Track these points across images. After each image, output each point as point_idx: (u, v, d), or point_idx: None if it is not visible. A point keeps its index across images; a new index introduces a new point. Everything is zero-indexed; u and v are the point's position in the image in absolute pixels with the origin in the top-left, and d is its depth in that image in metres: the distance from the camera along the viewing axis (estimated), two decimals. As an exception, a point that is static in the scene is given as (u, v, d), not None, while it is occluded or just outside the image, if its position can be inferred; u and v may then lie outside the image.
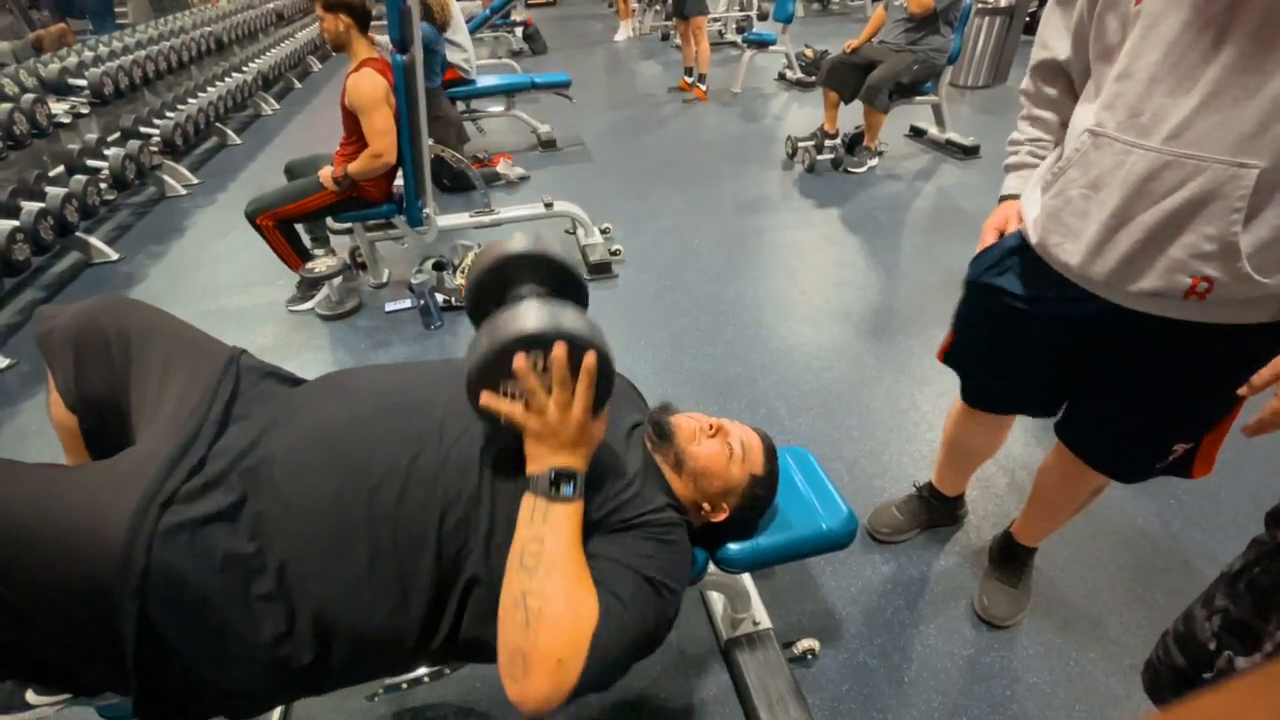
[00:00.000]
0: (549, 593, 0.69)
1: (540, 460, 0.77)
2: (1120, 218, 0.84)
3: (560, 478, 0.76)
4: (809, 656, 1.33)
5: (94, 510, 0.68)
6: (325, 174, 2.42)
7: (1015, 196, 1.14)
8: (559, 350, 0.74)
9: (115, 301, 0.93)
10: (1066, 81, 1.02)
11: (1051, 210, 0.94)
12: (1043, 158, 1.09)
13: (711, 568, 1.13)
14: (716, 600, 1.41)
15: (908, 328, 2.41)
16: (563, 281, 0.90)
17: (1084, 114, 0.91)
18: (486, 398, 0.76)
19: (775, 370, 2.20)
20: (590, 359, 0.76)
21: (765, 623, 1.35)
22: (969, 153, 3.93)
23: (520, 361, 0.73)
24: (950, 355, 1.33)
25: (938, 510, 1.61)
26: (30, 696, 0.90)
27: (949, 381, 2.11)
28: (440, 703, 1.29)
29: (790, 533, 1.13)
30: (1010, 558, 1.46)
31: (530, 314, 0.75)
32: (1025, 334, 1.10)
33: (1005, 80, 5.43)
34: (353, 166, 2.38)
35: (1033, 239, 1.00)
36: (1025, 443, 1.89)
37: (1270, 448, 1.83)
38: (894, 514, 1.61)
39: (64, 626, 0.66)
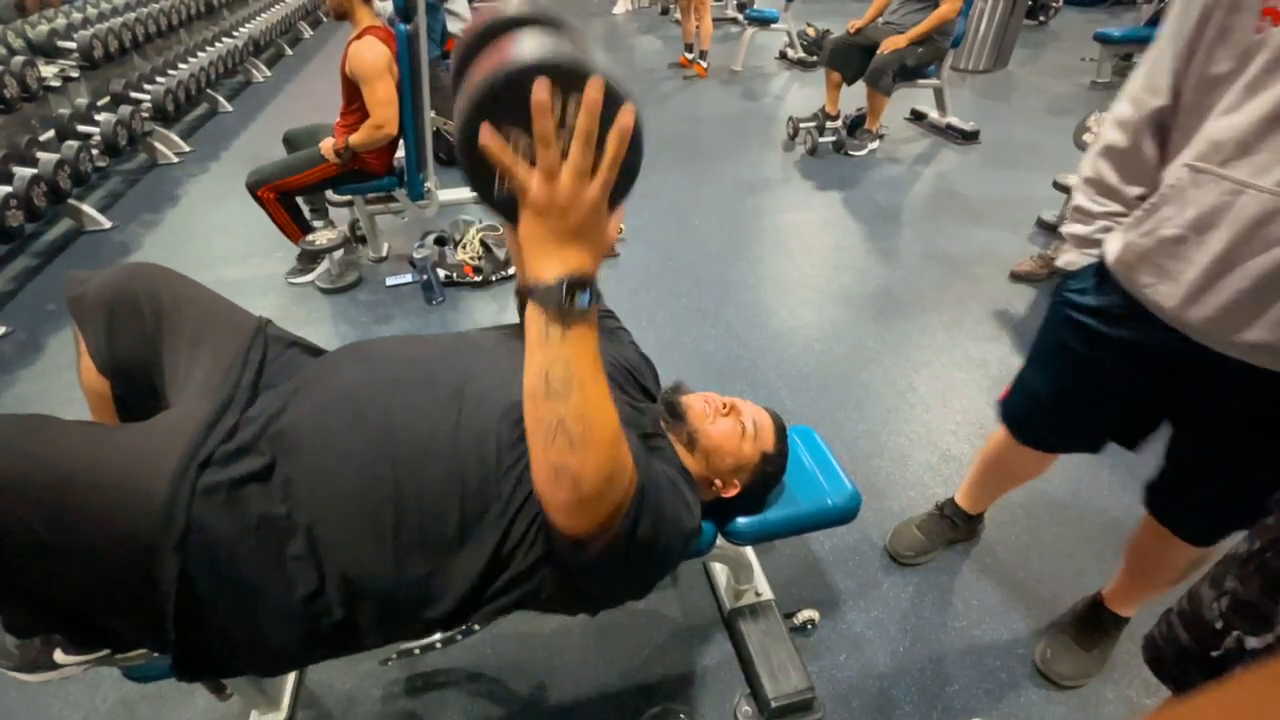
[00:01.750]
0: (590, 415, 0.64)
1: (545, 256, 0.61)
2: (1226, 263, 0.78)
3: (573, 287, 0.61)
4: (809, 626, 1.38)
5: (138, 466, 0.70)
6: (326, 146, 2.39)
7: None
8: (594, 91, 0.54)
9: (146, 268, 0.94)
10: (1163, 137, 0.90)
11: (1141, 250, 0.88)
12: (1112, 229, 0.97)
13: (718, 540, 1.16)
14: (720, 572, 1.46)
15: (906, 311, 2.45)
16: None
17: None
18: (489, 136, 0.56)
19: (776, 351, 2.23)
20: (628, 117, 0.57)
21: (767, 594, 1.40)
22: (969, 138, 3.94)
23: (542, 92, 0.54)
24: (1013, 399, 1.24)
25: (961, 528, 1.55)
26: (58, 656, 0.92)
27: (945, 365, 2.17)
28: (451, 668, 1.33)
29: (796, 507, 1.16)
30: (1093, 620, 1.35)
31: (562, 40, 0.57)
32: (1100, 368, 1.03)
33: (1006, 65, 5.42)
34: (354, 138, 2.35)
35: (1117, 274, 0.93)
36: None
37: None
38: (915, 534, 1.55)
39: (107, 577, 0.68)
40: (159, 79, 3.90)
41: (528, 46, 0.56)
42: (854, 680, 1.32)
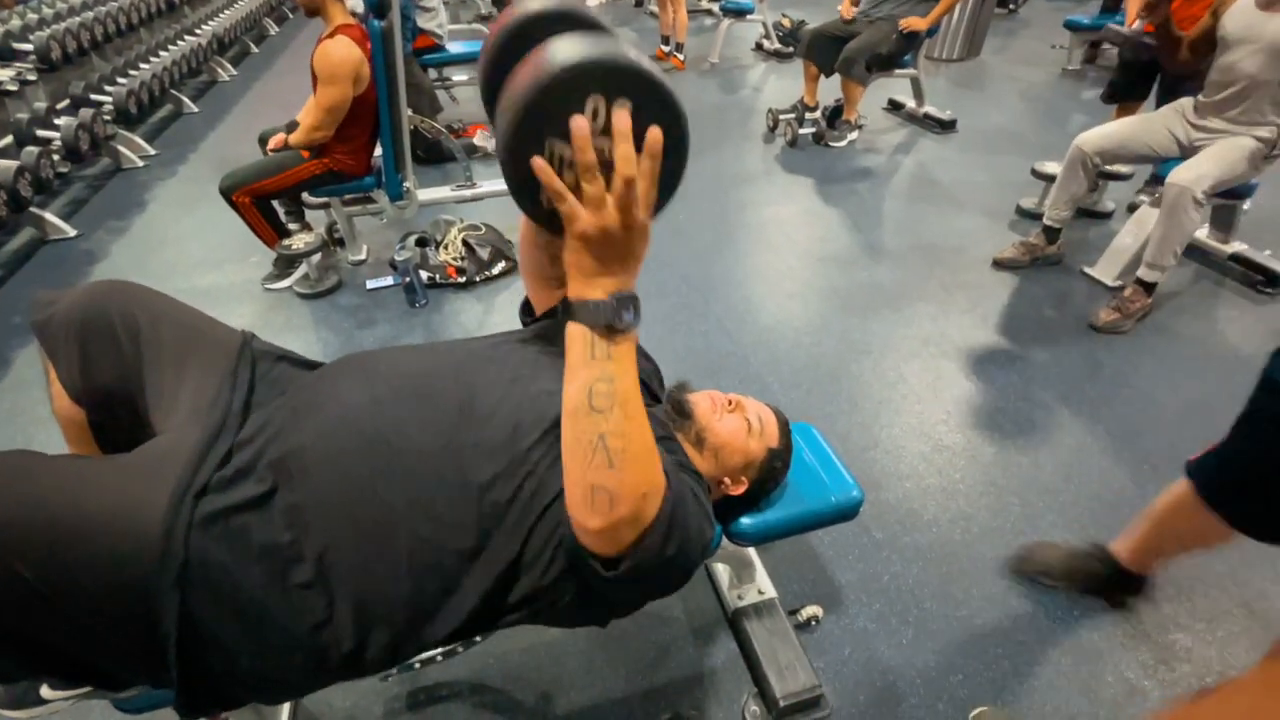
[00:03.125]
0: (630, 432, 0.64)
1: (590, 279, 0.63)
2: None
3: (622, 304, 0.63)
4: (813, 623, 1.38)
5: (128, 502, 0.66)
6: (277, 140, 2.41)
7: None
8: (621, 120, 0.55)
9: (116, 287, 0.89)
10: None
11: None
12: None
13: (723, 541, 1.15)
14: (722, 572, 1.45)
15: (893, 302, 2.46)
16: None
17: None
18: (540, 163, 0.57)
19: (767, 346, 2.23)
20: (656, 136, 0.57)
21: (770, 592, 1.39)
22: (946, 127, 3.96)
23: (581, 124, 0.54)
24: (1209, 462, 1.15)
25: (1112, 583, 1.40)
26: (45, 692, 0.88)
27: (933, 354, 2.18)
28: (454, 680, 1.31)
29: (800, 506, 1.16)
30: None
31: (597, 40, 0.56)
32: None
33: (979, 53, 5.47)
34: (293, 137, 2.34)
35: None
36: (1008, 413, 1.95)
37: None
38: (1061, 555, 1.44)
39: (103, 621, 0.64)
40: (120, 80, 3.77)
41: (562, 51, 0.55)
42: (859, 675, 1.32)
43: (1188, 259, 2.63)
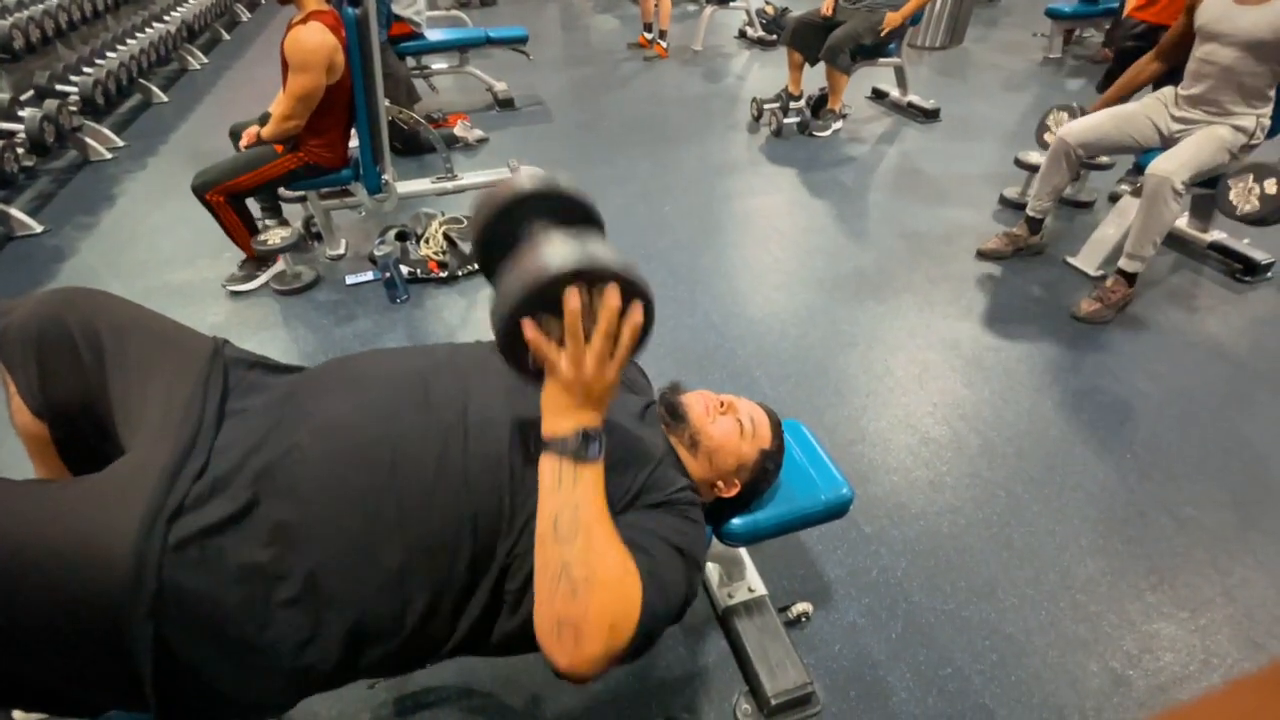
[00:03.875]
0: (593, 560, 0.66)
1: (562, 416, 0.70)
2: None
3: (587, 438, 0.70)
4: (803, 619, 1.38)
5: (95, 529, 0.63)
6: (250, 136, 2.35)
7: None
8: (613, 299, 0.66)
9: (75, 294, 0.84)
10: None
11: None
12: None
13: (713, 543, 1.14)
14: (712, 570, 1.44)
15: (878, 293, 2.46)
16: (582, 220, 0.80)
17: None
18: (532, 330, 0.67)
19: (753, 339, 2.22)
20: (638, 316, 0.69)
21: (760, 589, 1.39)
22: (930, 116, 3.96)
23: (574, 299, 0.65)
24: None
25: None
26: (18, 715, 0.85)
27: (919, 346, 2.19)
28: (443, 685, 1.29)
29: (790, 505, 1.15)
30: None
31: (598, 246, 0.67)
32: None
33: (962, 42, 5.47)
34: (265, 130, 2.28)
35: None
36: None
37: (1215, 406, 1.96)
38: None
39: (73, 653, 0.62)
40: (86, 69, 3.64)
41: (558, 254, 0.66)
42: (850, 669, 1.32)
43: (1168, 248, 2.65)
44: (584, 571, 0.65)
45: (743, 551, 1.42)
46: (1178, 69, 2.30)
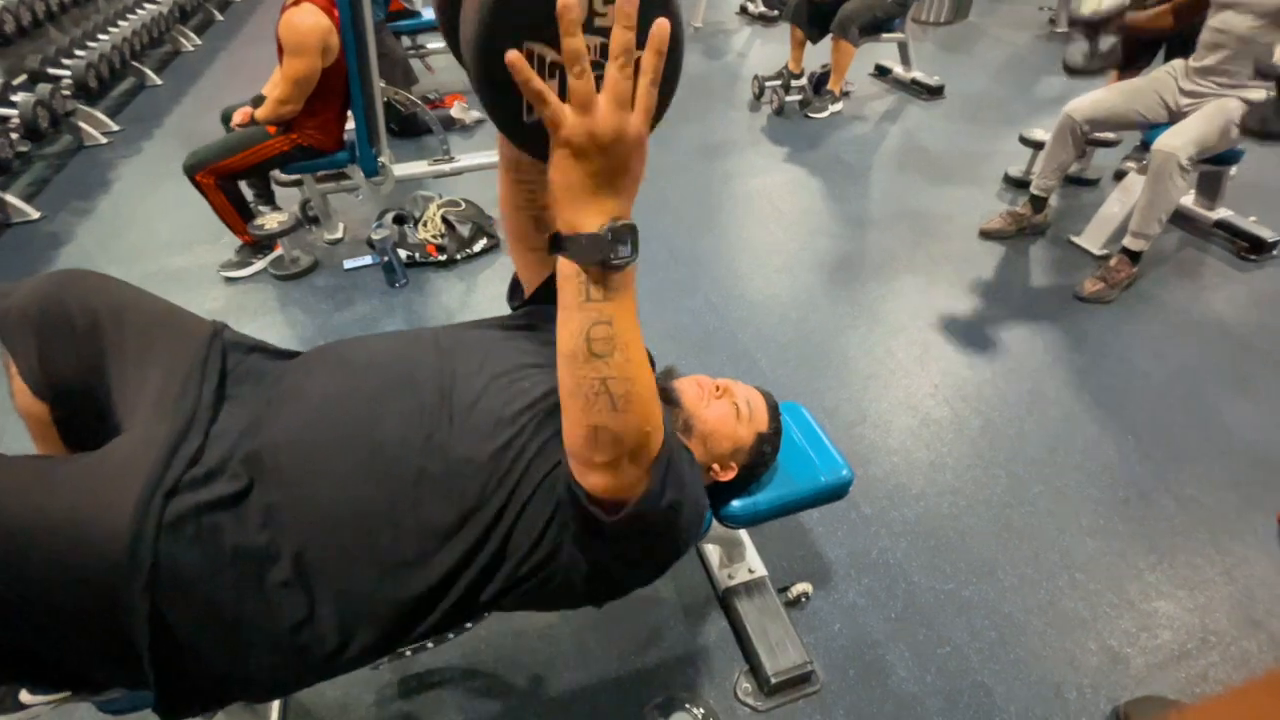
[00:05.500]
0: (633, 375, 0.62)
1: (581, 203, 0.56)
2: None
3: (618, 236, 0.56)
4: (803, 600, 1.39)
5: (93, 504, 0.64)
6: (242, 116, 2.32)
7: None
8: (627, 2, 0.48)
9: (74, 276, 0.84)
10: None
11: None
12: None
13: (713, 524, 1.14)
14: (712, 552, 1.45)
15: (879, 274, 2.44)
16: None
17: None
18: (516, 56, 0.49)
19: (754, 322, 2.21)
20: (665, 28, 0.50)
21: (760, 570, 1.40)
22: (934, 93, 3.90)
23: (572, 3, 0.47)
24: None
25: None
26: (25, 696, 0.86)
27: (920, 327, 2.18)
28: (446, 666, 1.30)
29: (790, 487, 1.15)
30: None
31: None
32: None
33: (967, 16, 5.37)
34: (259, 112, 2.25)
35: None
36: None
37: (1219, 386, 1.95)
38: None
39: (71, 627, 0.62)
40: (79, 52, 3.59)
41: None
42: (850, 649, 1.33)
43: (1173, 226, 2.62)
44: (624, 387, 0.61)
45: (743, 533, 1.43)
46: (1189, 39, 2.25)
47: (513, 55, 0.48)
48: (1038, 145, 2.76)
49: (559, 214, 0.57)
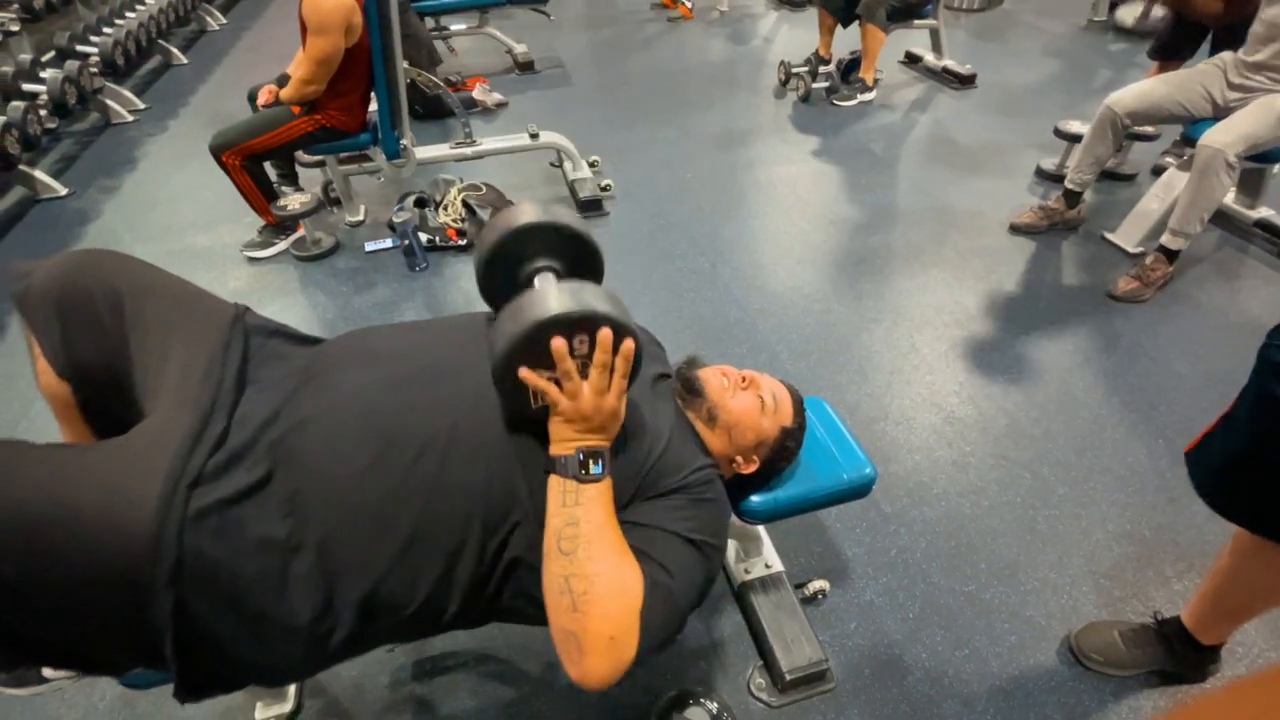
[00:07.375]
0: (591, 574, 0.69)
1: (566, 441, 0.75)
2: None
3: (589, 457, 0.74)
4: (820, 597, 1.37)
5: (116, 496, 0.63)
6: (267, 95, 2.34)
7: None
8: (605, 335, 0.72)
9: (96, 256, 0.84)
10: None
11: None
12: None
13: (733, 519, 1.13)
14: (729, 545, 1.43)
15: (905, 268, 2.39)
16: (578, 250, 0.91)
17: None
18: (527, 372, 0.72)
19: (775, 313, 2.17)
20: (630, 345, 0.74)
21: (777, 565, 1.38)
22: (965, 82, 3.80)
23: (559, 344, 0.71)
24: (1203, 454, 1.03)
25: (1182, 658, 1.21)
26: (47, 671, 0.88)
27: (946, 323, 2.13)
28: (459, 650, 1.31)
29: (811, 484, 1.13)
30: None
31: (571, 296, 0.74)
32: None
33: (1001, 3, 5.21)
34: (284, 92, 2.25)
35: None
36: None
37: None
38: (1116, 643, 1.25)
39: (94, 618, 0.63)
40: (106, 30, 3.63)
41: (551, 304, 0.72)
42: (866, 648, 1.32)
43: (1211, 225, 2.53)
44: (582, 586, 0.68)
45: (760, 528, 1.41)
46: (1238, 31, 2.16)
47: (524, 372, 0.73)
48: (1074, 138, 2.68)
49: (551, 449, 0.76)
